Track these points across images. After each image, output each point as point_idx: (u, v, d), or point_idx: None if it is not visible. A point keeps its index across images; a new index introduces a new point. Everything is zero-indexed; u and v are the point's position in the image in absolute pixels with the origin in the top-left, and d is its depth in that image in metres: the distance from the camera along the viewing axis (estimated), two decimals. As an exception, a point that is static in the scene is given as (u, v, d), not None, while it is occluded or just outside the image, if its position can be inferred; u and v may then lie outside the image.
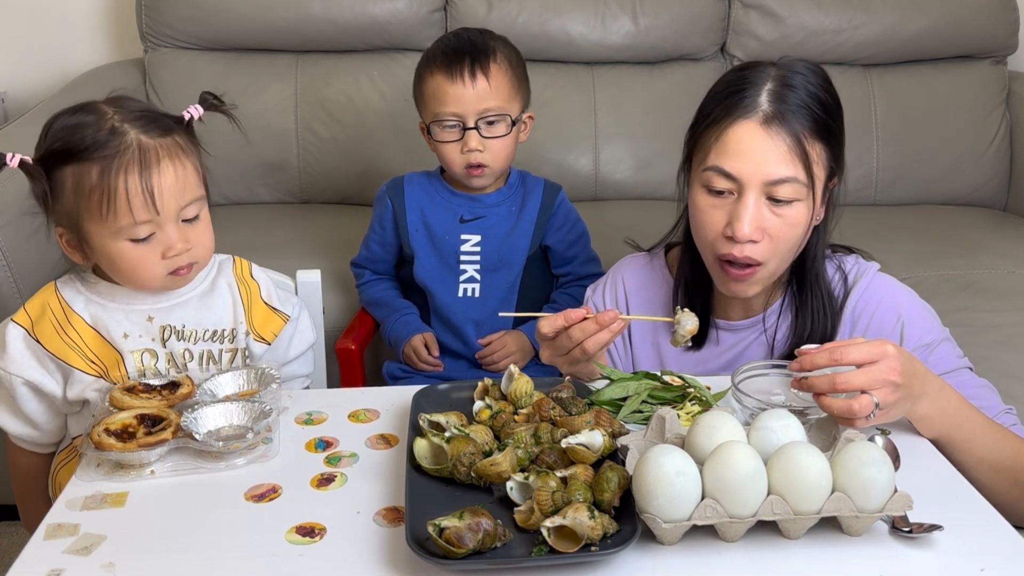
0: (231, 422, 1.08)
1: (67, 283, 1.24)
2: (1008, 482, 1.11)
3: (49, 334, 1.19)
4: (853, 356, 1.03)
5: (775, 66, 1.22)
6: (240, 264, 1.32)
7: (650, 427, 1.04)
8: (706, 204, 1.21)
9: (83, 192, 1.13)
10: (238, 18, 2.39)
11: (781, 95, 1.17)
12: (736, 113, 1.18)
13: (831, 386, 1.03)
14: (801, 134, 1.16)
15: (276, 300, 1.31)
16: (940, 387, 1.10)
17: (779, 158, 1.16)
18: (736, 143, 1.17)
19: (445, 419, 1.06)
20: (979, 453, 1.11)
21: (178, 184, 1.15)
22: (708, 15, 2.47)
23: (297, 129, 2.41)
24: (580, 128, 2.45)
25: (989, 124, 2.55)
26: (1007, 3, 2.54)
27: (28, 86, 2.60)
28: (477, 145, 1.59)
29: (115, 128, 1.13)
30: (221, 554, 0.89)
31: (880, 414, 1.03)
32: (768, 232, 1.18)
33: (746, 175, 1.16)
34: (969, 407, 1.13)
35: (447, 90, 1.57)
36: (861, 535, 0.91)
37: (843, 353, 1.03)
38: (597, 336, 1.14)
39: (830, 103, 1.21)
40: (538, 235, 1.71)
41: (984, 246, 2.15)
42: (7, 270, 1.80)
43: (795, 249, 1.23)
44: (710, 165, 1.19)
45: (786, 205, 1.17)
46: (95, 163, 1.12)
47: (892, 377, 1.02)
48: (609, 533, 0.87)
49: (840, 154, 1.23)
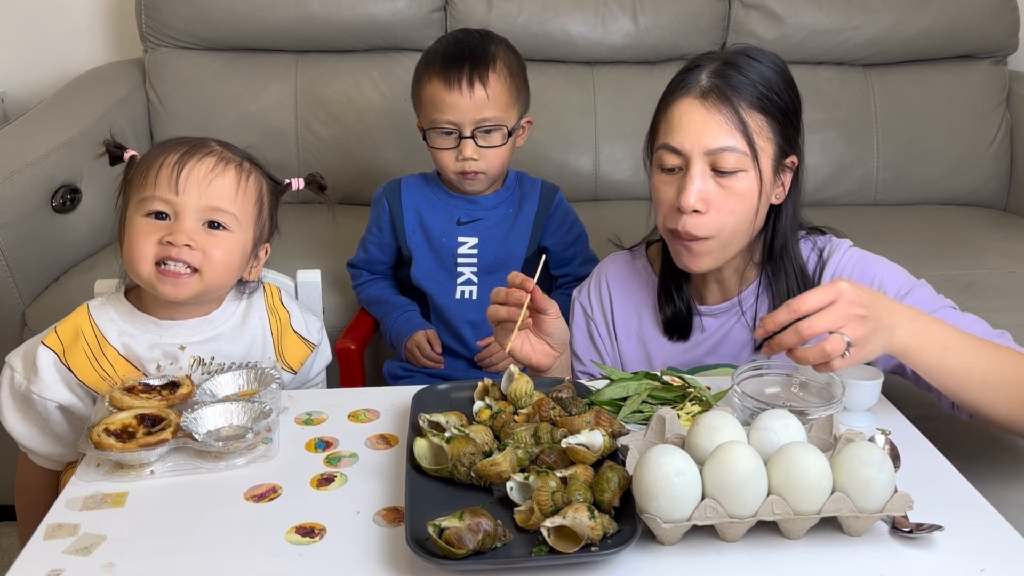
0: (231, 422, 1.08)
1: (100, 309, 1.22)
2: (1018, 398, 1.10)
3: (81, 362, 1.18)
4: (810, 302, 1.03)
5: (724, 52, 1.28)
6: (271, 292, 1.32)
7: (650, 427, 1.04)
8: (659, 182, 1.27)
9: (141, 166, 1.18)
10: (238, 18, 2.39)
11: (720, 72, 1.23)
12: (679, 92, 1.25)
13: (798, 336, 1.03)
14: (739, 106, 1.21)
15: (304, 328, 1.33)
16: (911, 315, 1.09)
17: (717, 128, 1.21)
18: (678, 118, 1.23)
19: (445, 419, 1.06)
20: (979, 374, 1.09)
21: (207, 178, 1.16)
22: (708, 15, 2.47)
23: (297, 129, 2.41)
24: (580, 128, 2.45)
25: (989, 124, 2.55)
26: (1007, 3, 2.54)
27: (28, 86, 2.60)
28: (472, 154, 1.59)
29: (206, 141, 1.21)
30: (221, 554, 0.89)
31: (856, 351, 1.03)
32: (714, 204, 1.22)
33: (688, 146, 1.22)
34: (952, 328, 1.12)
35: (444, 98, 1.57)
36: (861, 535, 0.91)
37: (800, 303, 1.03)
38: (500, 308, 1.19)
39: (777, 82, 1.25)
40: (536, 236, 1.71)
41: (984, 246, 2.15)
42: (7, 270, 1.80)
43: (748, 223, 1.25)
44: (659, 144, 1.26)
45: (731, 176, 1.22)
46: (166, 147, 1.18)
47: (854, 310, 1.02)
48: (609, 533, 0.87)
49: (792, 133, 1.27)
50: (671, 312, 1.37)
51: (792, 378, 1.15)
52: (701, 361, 1.35)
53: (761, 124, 1.23)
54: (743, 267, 1.33)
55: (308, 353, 1.32)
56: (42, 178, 1.89)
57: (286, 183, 1.26)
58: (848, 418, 1.12)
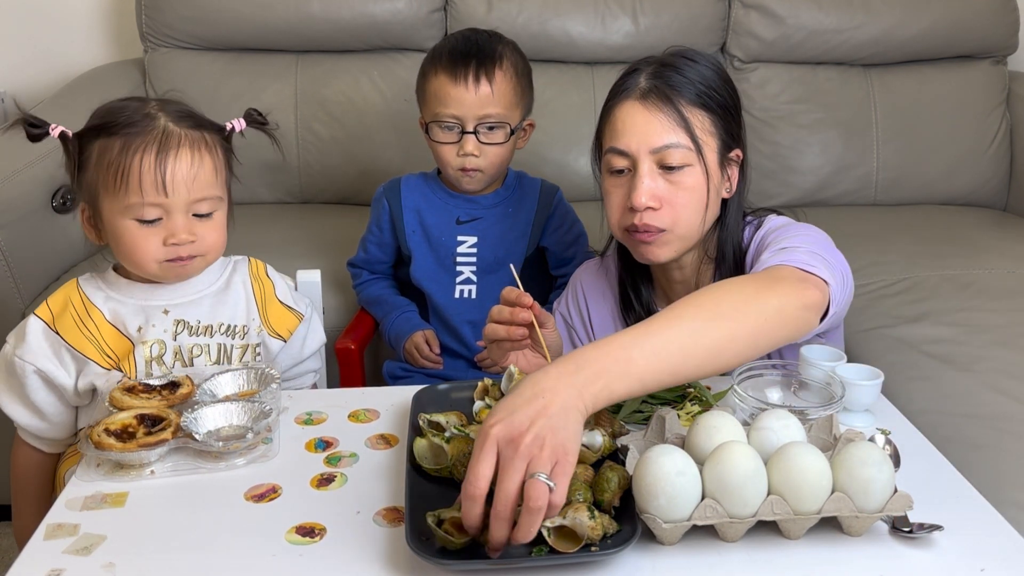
0: (231, 422, 1.08)
1: (88, 280, 1.27)
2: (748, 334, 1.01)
3: (69, 326, 1.22)
4: (479, 473, 0.83)
5: (660, 56, 1.30)
6: (256, 264, 1.35)
7: (650, 427, 1.04)
8: (610, 185, 1.29)
9: (103, 164, 1.16)
10: (238, 18, 2.39)
11: (657, 73, 1.26)
12: (620, 96, 1.28)
13: (504, 520, 0.82)
14: (678, 103, 1.24)
15: (291, 299, 1.35)
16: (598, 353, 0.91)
17: (659, 127, 1.23)
18: (622, 121, 1.26)
19: (445, 419, 1.06)
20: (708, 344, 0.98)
21: (191, 174, 1.17)
22: (708, 15, 2.47)
23: (297, 129, 2.41)
24: (580, 128, 2.44)
25: (989, 124, 2.55)
26: (1007, 3, 2.54)
27: (28, 86, 2.60)
28: (473, 150, 1.59)
29: (150, 113, 1.18)
30: (221, 554, 0.89)
31: (560, 467, 0.83)
32: (665, 199, 1.25)
33: (634, 147, 1.24)
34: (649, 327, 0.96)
35: (449, 91, 1.57)
36: (861, 535, 0.91)
37: (471, 486, 0.83)
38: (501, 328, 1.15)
39: (714, 79, 1.28)
40: (535, 236, 1.71)
41: (984, 246, 2.15)
42: (7, 270, 1.80)
43: (700, 214, 1.27)
44: (606, 148, 1.28)
45: (679, 171, 1.24)
46: (120, 138, 1.16)
47: (517, 440, 0.82)
48: (609, 533, 0.87)
49: (734, 127, 1.30)
50: (633, 319, 1.38)
51: (792, 378, 1.16)
52: None
53: (703, 119, 1.25)
54: (699, 262, 1.35)
55: (296, 322, 1.34)
56: (42, 178, 1.89)
57: (230, 129, 1.27)
58: (848, 418, 1.13)
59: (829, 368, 1.12)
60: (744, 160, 1.33)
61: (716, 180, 1.28)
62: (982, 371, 1.58)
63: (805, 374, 1.14)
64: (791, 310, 1.05)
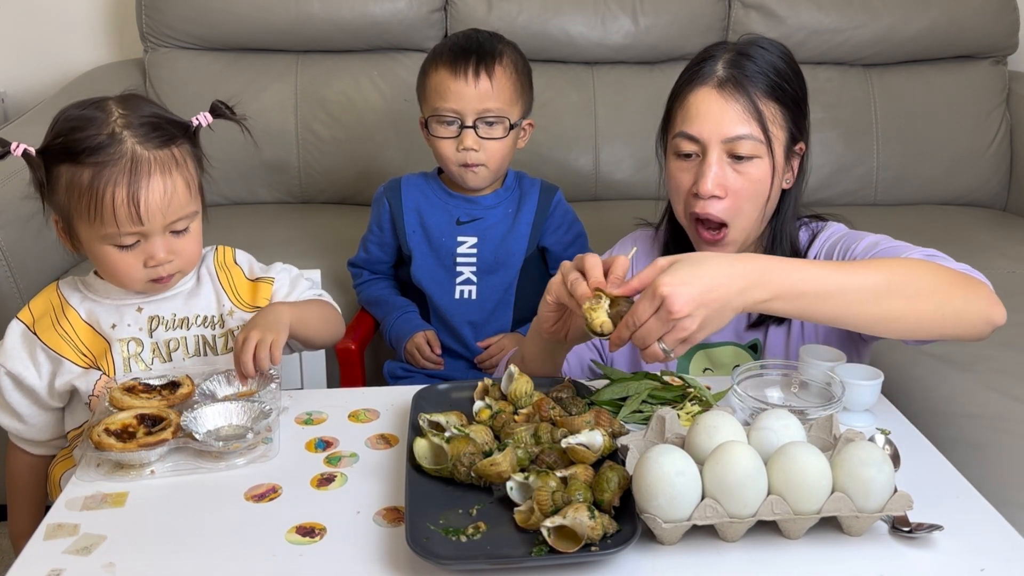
0: (231, 422, 1.08)
1: (68, 282, 1.28)
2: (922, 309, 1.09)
3: (46, 326, 1.23)
4: (639, 315, 1.00)
5: (736, 43, 1.31)
6: (222, 252, 1.35)
7: (650, 427, 1.04)
8: (676, 168, 1.30)
9: (74, 193, 1.14)
10: (238, 18, 2.39)
11: (735, 62, 1.27)
12: (696, 81, 1.28)
13: (639, 345, 1.01)
14: (754, 95, 1.25)
15: (259, 271, 1.36)
16: (767, 266, 1.04)
17: (735, 117, 1.25)
18: (696, 107, 1.27)
19: (445, 419, 1.06)
20: (860, 289, 1.06)
21: (165, 200, 1.16)
22: (708, 15, 2.47)
23: (297, 129, 2.41)
24: (580, 128, 2.45)
25: (989, 124, 2.55)
26: (1007, 3, 2.54)
27: (28, 86, 2.61)
28: (473, 144, 1.59)
29: (115, 133, 1.14)
30: (221, 554, 0.89)
31: (683, 347, 1.01)
32: (731, 189, 1.26)
33: (706, 134, 1.25)
34: (815, 263, 1.09)
35: (449, 85, 1.58)
36: (861, 535, 0.91)
37: (632, 317, 1.01)
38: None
39: (787, 71, 1.29)
40: (535, 237, 1.71)
41: (984, 246, 2.15)
42: (7, 270, 1.80)
43: (761, 208, 1.28)
44: (676, 131, 1.29)
45: (747, 162, 1.25)
46: (87, 167, 1.13)
47: (672, 319, 0.98)
48: (609, 533, 0.87)
49: (801, 120, 1.31)
50: None
51: (792, 378, 1.16)
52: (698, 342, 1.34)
53: (775, 112, 1.27)
54: (752, 251, 1.34)
55: (270, 287, 1.34)
56: (42, 178, 1.89)
57: (196, 125, 1.24)
58: (848, 418, 1.13)
59: (829, 368, 1.13)
60: (806, 153, 1.33)
61: (780, 172, 1.29)
62: (982, 371, 1.58)
63: (805, 374, 1.14)
64: (971, 317, 1.12)
